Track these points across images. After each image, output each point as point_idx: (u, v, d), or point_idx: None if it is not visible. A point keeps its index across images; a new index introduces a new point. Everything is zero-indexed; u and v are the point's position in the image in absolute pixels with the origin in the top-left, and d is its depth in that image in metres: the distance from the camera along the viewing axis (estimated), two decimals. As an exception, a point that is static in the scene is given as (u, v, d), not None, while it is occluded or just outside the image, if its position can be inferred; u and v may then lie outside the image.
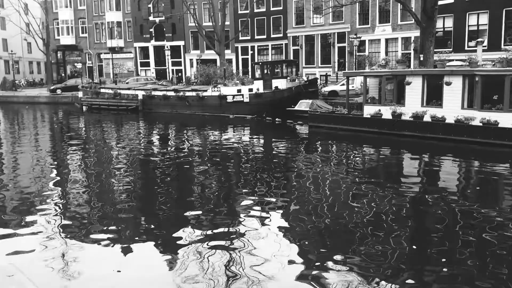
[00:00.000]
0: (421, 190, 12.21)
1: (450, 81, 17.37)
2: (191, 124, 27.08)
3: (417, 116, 18.22)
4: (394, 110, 18.89)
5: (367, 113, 20.16)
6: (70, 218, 10.12)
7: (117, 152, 19.04)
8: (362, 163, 16.18)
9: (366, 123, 20.06)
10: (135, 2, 48.13)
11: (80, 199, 11.78)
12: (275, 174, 14.20)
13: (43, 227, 9.50)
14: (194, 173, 14.75)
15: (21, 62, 57.22)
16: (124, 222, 9.91)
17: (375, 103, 20.64)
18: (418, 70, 19.36)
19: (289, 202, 11.24)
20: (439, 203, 10.78)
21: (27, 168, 15.74)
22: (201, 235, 8.91)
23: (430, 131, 17.88)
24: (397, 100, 19.81)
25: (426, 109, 18.21)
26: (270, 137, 22.30)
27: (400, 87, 19.65)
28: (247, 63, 44.64)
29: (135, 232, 9.34)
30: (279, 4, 42.17)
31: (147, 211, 10.77)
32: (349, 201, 11.32)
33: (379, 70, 20.47)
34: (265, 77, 28.98)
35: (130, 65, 50.11)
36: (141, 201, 11.66)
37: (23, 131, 26.77)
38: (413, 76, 18.86)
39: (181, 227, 9.38)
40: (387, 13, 35.18)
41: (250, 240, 8.60)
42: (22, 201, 11.42)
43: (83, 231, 9.35)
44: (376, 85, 21.44)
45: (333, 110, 21.89)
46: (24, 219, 9.98)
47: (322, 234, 9.11)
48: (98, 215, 10.46)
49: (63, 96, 41.71)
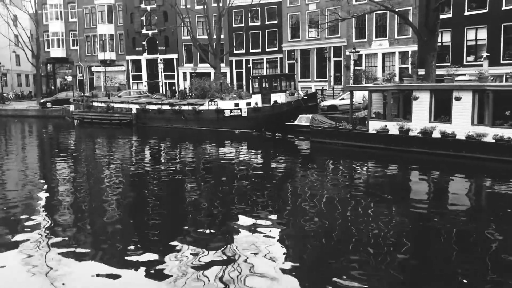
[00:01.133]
0: (430, 209, 11.72)
1: (460, 96, 16.94)
2: (187, 139, 26.35)
3: (426, 132, 17.70)
4: (402, 125, 18.38)
5: (373, 128, 19.62)
6: (57, 235, 9.73)
7: (109, 167, 18.22)
8: (367, 180, 15.58)
9: (372, 139, 19.50)
10: (128, 15, 47.54)
11: (68, 215, 11.38)
12: (275, 191, 13.68)
13: (28, 244, 9.12)
14: (189, 190, 14.17)
15: (9, 74, 56.05)
16: (114, 240, 9.57)
17: (380, 118, 20.13)
18: (425, 85, 18.92)
19: (289, 219, 10.85)
20: (449, 224, 10.30)
21: (13, 184, 15.19)
22: (194, 252, 8.57)
23: (440, 148, 17.35)
24: (403, 115, 19.33)
25: (435, 124, 17.70)
26: (270, 153, 21.63)
27: (406, 102, 19.18)
28: (241, 76, 44.20)
29: (125, 249, 8.91)
30: (274, 18, 41.91)
31: (138, 228, 10.39)
32: (352, 219, 10.84)
33: (384, 84, 19.99)
34: (264, 91, 28.41)
35: (122, 78, 49.30)
36: (133, 218, 11.28)
37: (11, 146, 25.79)
38: (420, 91, 18.41)
39: (174, 244, 9.03)
40: (384, 28, 35.04)
41: (247, 259, 8.25)
42: (7, 217, 11.02)
43: (70, 248, 8.94)
44: (379, 100, 20.95)
45: (337, 125, 21.31)
46: (9, 236, 9.65)
47: (321, 252, 8.76)
48: (86, 232, 10.11)
49: (53, 109, 40.66)
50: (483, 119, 17.03)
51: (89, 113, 34.28)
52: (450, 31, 30.49)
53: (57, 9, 50.24)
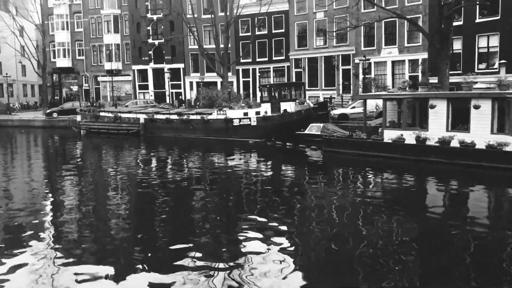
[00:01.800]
0: (449, 221, 11.31)
1: (479, 105, 16.52)
2: (196, 149, 25.98)
3: (444, 141, 17.25)
4: (419, 134, 17.94)
5: (388, 138, 19.19)
6: (63, 247, 9.58)
7: (117, 178, 17.96)
8: (383, 191, 15.13)
9: (387, 149, 19.05)
10: (134, 24, 47.47)
11: (74, 227, 11.12)
12: (286, 202, 13.33)
13: (34, 255, 9.02)
14: (198, 200, 13.83)
15: (15, 85, 56.01)
16: (121, 251, 9.41)
17: (395, 127, 19.70)
18: (442, 93, 18.50)
19: (300, 230, 10.60)
20: (469, 236, 9.97)
21: (20, 195, 15.02)
22: (202, 262, 8.47)
23: (459, 157, 16.88)
24: (419, 124, 18.91)
25: (453, 134, 17.26)
26: (281, 163, 21.20)
27: (422, 111, 18.77)
28: (248, 85, 43.93)
29: (132, 261, 8.75)
30: (281, 26, 41.71)
31: (146, 238, 10.26)
32: (366, 231, 10.48)
33: (400, 92, 19.59)
34: (273, 100, 28.07)
35: (128, 88, 49.13)
36: (140, 228, 11.14)
37: (18, 156, 25.57)
38: (437, 99, 18.00)
39: (181, 255, 8.84)
40: (393, 35, 34.72)
41: (255, 270, 8.09)
42: (13, 228, 10.96)
43: (76, 259, 8.84)
44: (394, 108, 20.54)
45: (350, 134, 20.89)
46: (15, 247, 9.50)
47: (332, 265, 8.49)
48: (93, 243, 9.92)
49: (59, 119, 40.43)
50: (503, 127, 16.59)
51: (96, 123, 33.98)
52: (460, 39, 30.14)
53: (63, 19, 50.27)
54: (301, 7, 40.02)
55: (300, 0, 39.87)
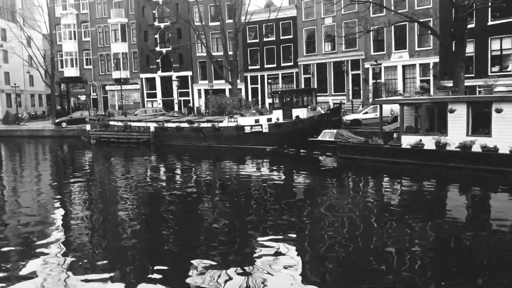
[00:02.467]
0: (471, 229, 10.98)
1: (501, 108, 16.16)
2: (207, 157, 25.70)
3: (465, 147, 16.88)
4: (438, 140, 17.57)
5: (406, 143, 18.83)
6: (72, 257, 9.52)
7: (128, 187, 17.67)
8: (402, 198, 14.75)
9: (406, 155, 18.68)
10: (141, 33, 47.44)
11: (83, 238, 11.04)
12: (302, 211, 13.04)
13: (43, 265, 9.00)
14: (209, 210, 13.62)
15: (23, 95, 56.09)
16: (131, 259, 9.38)
17: (413, 133, 19.36)
18: (462, 97, 18.17)
19: (315, 239, 10.32)
20: (492, 244, 9.65)
21: (29, 205, 14.98)
22: (213, 272, 8.37)
23: (481, 163, 16.50)
24: (437, 129, 18.54)
25: (474, 138, 16.88)
26: (296, 170, 20.66)
27: (441, 115, 18.41)
28: (256, 92, 43.71)
29: (142, 270, 8.77)
30: (289, 32, 41.52)
31: (156, 248, 10.16)
32: (384, 240, 10.17)
33: (417, 97, 19.26)
34: (285, 106, 27.78)
35: (136, 97, 49.02)
36: (150, 238, 11.05)
37: (28, 166, 25.37)
38: (456, 104, 17.65)
39: (191, 264, 8.80)
40: (404, 39, 34.44)
41: (265, 280, 7.97)
42: (23, 238, 10.98)
43: (86, 270, 8.78)
44: (411, 113, 20.20)
45: (366, 140, 20.55)
46: (24, 258, 9.48)
47: (347, 277, 8.28)
48: (102, 254, 9.82)
49: (68, 129, 40.31)
50: (527, 131, 16.21)
51: (106, 132, 33.78)
52: (473, 42, 29.79)
53: (71, 28, 50.33)
54: (309, 13, 39.84)
55: (308, 6, 39.70)
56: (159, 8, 46.64)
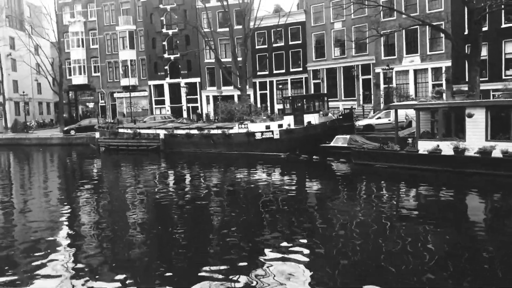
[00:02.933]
0: (493, 236, 10.56)
1: (522, 112, 15.73)
2: (217, 164, 25.31)
3: (485, 152, 16.43)
4: (457, 145, 17.13)
5: (423, 149, 18.39)
6: (81, 264, 9.47)
7: (139, 194, 17.49)
8: (419, 205, 14.32)
9: (423, 160, 18.24)
10: (149, 40, 47.39)
11: (92, 245, 10.91)
12: (316, 219, 12.69)
13: (53, 274, 8.92)
14: (219, 217, 13.34)
15: (31, 103, 56.13)
16: (140, 266, 9.28)
17: (430, 138, 18.92)
18: (481, 101, 17.74)
19: (329, 248, 9.99)
20: None
21: (38, 213, 14.85)
22: (222, 278, 8.27)
23: (502, 168, 16.04)
24: (455, 134, 18.11)
25: (494, 143, 16.44)
26: (309, 177, 20.22)
27: (458, 120, 17.98)
28: (265, 98, 43.43)
29: (151, 279, 8.63)
30: (298, 38, 41.29)
31: (165, 256, 10.05)
32: (399, 248, 9.79)
33: (434, 102, 18.84)
34: (296, 112, 27.43)
35: (144, 104, 48.90)
36: (160, 245, 10.87)
37: (37, 175, 25.19)
38: (474, 108, 17.22)
39: (202, 272, 8.66)
40: (415, 43, 34.06)
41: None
42: (32, 246, 10.80)
43: (95, 278, 8.68)
44: (427, 118, 19.77)
45: (381, 146, 20.13)
46: (33, 266, 9.39)
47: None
48: (111, 263, 9.66)
49: (77, 137, 40.17)
50: (549, 136, 15.76)
51: (115, 140, 33.55)
52: (486, 45, 29.32)
53: (79, 36, 50.39)
54: (318, 18, 39.60)
55: (317, 11, 39.46)
56: (167, 15, 46.59)
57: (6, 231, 12.77)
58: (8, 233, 12.46)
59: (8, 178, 24.69)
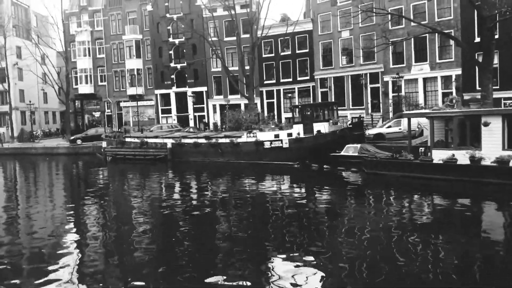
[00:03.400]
0: (508, 249, 10.27)
1: (541, 121, 15.37)
2: (225, 173, 25.00)
3: (503, 161, 16.05)
4: (473, 154, 16.76)
5: (438, 158, 18.02)
6: (87, 274, 9.42)
7: (146, 204, 17.24)
8: (436, 215, 13.95)
9: (438, 170, 17.85)
10: (156, 49, 47.37)
11: (98, 256, 10.82)
12: (325, 231, 12.34)
13: (59, 284, 8.86)
14: (227, 228, 13.09)
15: (37, 112, 56.17)
16: (146, 279, 9.10)
17: (444, 147, 18.56)
18: (497, 110, 17.41)
19: (342, 260, 9.71)
20: None
21: (44, 223, 14.77)
22: None
23: (522, 178, 15.65)
24: (470, 143, 17.74)
25: (511, 153, 16.05)
26: (320, 187, 19.70)
27: (474, 129, 17.63)
28: (272, 107, 43.21)
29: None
30: (305, 46, 41.14)
31: (172, 267, 9.88)
32: (412, 261, 9.54)
33: (448, 110, 18.51)
34: (305, 120, 27.14)
35: (150, 113, 48.76)
36: (166, 256, 10.66)
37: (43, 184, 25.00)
38: (491, 116, 16.88)
39: (209, 283, 8.58)
40: (424, 52, 33.79)
41: None
42: (37, 257, 10.82)
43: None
44: (440, 127, 19.42)
45: (394, 155, 19.77)
46: (38, 277, 9.29)
47: None
48: (117, 273, 9.60)
49: (83, 146, 39.99)
50: None
51: (122, 149, 33.32)
52: (497, 53, 28.99)
53: (85, 45, 50.46)
54: (325, 26, 39.47)
55: (325, 19, 39.32)
56: (173, 24, 46.60)
57: (12, 240, 12.70)
58: (14, 242, 12.46)
59: (15, 187, 24.46)
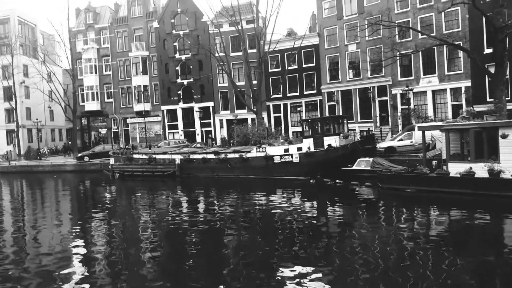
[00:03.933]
0: None
1: (562, 132, 15.03)
2: (235, 189, 24.66)
3: (523, 174, 15.69)
4: (492, 167, 16.40)
5: (455, 171, 17.67)
6: None
7: (154, 221, 16.99)
8: (454, 230, 13.65)
9: (455, 184, 17.47)
10: (162, 65, 47.47)
11: (106, 274, 10.66)
12: (339, 248, 12.06)
13: None
14: (237, 245, 12.83)
15: (44, 130, 56.19)
16: None
17: (460, 160, 18.21)
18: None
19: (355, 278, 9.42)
20: None
21: (51, 241, 14.54)
22: None
23: (544, 191, 15.26)
24: (487, 155, 17.39)
25: (531, 165, 15.71)
26: (333, 202, 19.32)
27: (491, 141, 17.30)
28: (279, 121, 43.00)
29: None
30: (311, 60, 41.07)
31: (180, 283, 9.81)
32: (431, 275, 9.32)
33: (464, 122, 18.21)
34: (316, 134, 26.86)
35: (157, 129, 48.66)
36: (174, 272, 10.64)
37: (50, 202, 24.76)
38: (509, 128, 16.56)
39: None
40: (432, 64, 33.59)
41: None
42: (44, 274, 10.74)
43: None
44: (456, 140, 19.11)
45: (409, 169, 19.42)
46: None
47: None
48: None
49: (90, 163, 39.81)
50: None
51: (130, 166, 33.08)
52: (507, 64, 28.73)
53: (92, 63, 50.68)
54: (332, 40, 39.44)
55: (331, 33, 39.30)
56: (180, 40, 46.75)
57: (20, 256, 12.73)
58: (21, 259, 12.43)
59: (22, 205, 24.22)
